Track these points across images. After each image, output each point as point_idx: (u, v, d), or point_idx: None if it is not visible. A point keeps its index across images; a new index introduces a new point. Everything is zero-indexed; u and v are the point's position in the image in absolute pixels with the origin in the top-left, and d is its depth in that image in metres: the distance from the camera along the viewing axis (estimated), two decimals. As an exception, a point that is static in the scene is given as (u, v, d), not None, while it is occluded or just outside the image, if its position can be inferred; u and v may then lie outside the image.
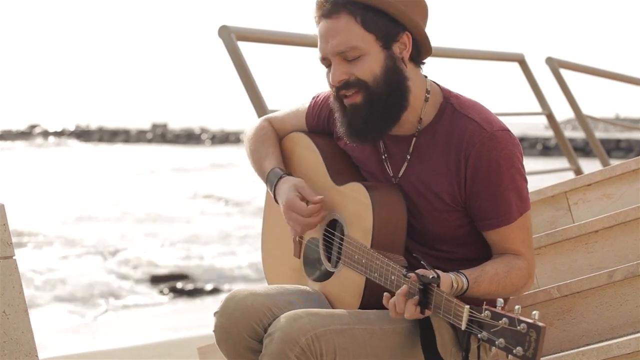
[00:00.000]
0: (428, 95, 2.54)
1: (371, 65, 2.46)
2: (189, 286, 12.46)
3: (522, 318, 2.05)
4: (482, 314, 2.12)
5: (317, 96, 2.81)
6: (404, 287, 2.31)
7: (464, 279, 2.39)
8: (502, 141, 2.46)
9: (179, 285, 12.54)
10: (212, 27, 3.86)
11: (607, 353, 2.60)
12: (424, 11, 2.52)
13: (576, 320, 2.99)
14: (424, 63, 2.57)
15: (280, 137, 2.89)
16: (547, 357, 2.79)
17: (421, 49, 2.53)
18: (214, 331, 2.55)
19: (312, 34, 2.57)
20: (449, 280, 2.35)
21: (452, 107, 2.53)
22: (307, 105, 2.83)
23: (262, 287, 2.66)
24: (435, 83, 2.59)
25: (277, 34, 3.94)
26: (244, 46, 3.75)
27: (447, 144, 2.49)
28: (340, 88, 2.49)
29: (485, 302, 2.20)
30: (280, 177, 2.71)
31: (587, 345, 2.88)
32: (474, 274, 2.42)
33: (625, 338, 2.66)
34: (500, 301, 2.11)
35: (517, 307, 2.08)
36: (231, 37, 3.73)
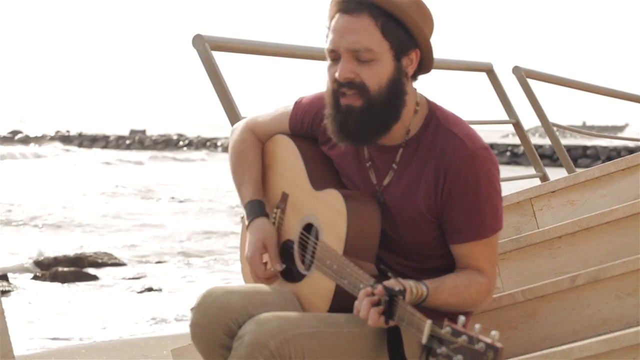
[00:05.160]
0: (417, 108, 2.57)
1: (380, 72, 2.46)
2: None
3: (481, 337, 2.06)
4: (443, 330, 2.12)
5: (300, 101, 2.80)
6: (367, 290, 2.34)
7: (424, 287, 2.43)
8: (483, 159, 2.50)
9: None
10: (189, 35, 3.87)
11: (569, 356, 2.64)
12: (432, 27, 2.55)
13: (539, 324, 3.04)
14: (417, 78, 2.59)
15: (262, 142, 2.89)
16: (511, 360, 2.84)
17: (422, 67, 2.56)
18: (190, 326, 2.56)
19: (285, 44, 2.60)
20: (408, 286, 2.38)
21: (436, 120, 2.56)
22: (289, 109, 2.81)
23: (238, 285, 2.69)
24: (423, 95, 2.61)
25: (251, 43, 3.94)
26: (218, 55, 3.77)
27: (427, 155, 2.53)
28: (343, 85, 2.49)
29: (447, 318, 2.21)
30: (255, 217, 2.75)
31: (550, 348, 2.92)
32: (434, 283, 2.46)
33: (587, 341, 2.69)
34: (461, 318, 2.12)
35: (477, 325, 2.09)
36: (205, 46, 3.73)
